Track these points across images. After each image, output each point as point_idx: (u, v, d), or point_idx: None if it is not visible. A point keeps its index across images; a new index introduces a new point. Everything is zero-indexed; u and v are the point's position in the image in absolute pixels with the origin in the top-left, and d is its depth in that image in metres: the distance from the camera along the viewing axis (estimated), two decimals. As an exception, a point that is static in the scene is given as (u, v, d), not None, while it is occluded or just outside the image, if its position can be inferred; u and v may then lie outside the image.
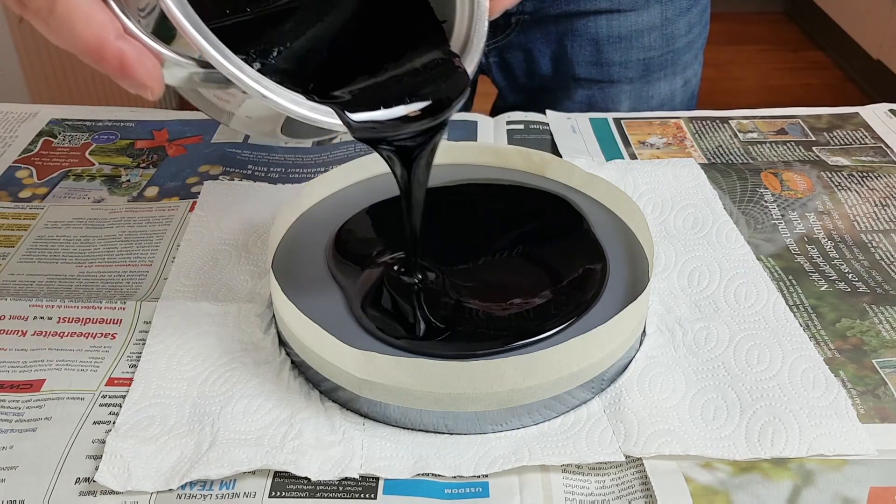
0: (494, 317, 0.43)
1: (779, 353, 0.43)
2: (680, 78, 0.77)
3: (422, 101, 0.37)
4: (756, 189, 0.58)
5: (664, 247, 0.51)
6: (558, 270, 0.45)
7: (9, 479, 0.38)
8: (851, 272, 0.51)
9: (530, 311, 0.43)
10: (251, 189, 0.57)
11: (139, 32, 0.32)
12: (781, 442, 0.39)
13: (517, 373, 0.38)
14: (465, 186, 0.52)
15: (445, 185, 0.52)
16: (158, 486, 0.37)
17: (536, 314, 0.43)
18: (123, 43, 0.31)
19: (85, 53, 0.31)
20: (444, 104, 0.38)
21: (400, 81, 0.38)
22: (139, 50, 0.31)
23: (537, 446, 0.39)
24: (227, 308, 0.47)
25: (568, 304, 0.43)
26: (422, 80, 0.38)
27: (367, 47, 0.41)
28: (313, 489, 0.38)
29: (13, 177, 0.60)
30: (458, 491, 0.38)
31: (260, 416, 0.40)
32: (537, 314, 0.43)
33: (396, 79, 0.38)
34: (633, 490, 0.38)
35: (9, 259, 0.52)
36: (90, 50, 0.31)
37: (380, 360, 0.38)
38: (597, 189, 0.51)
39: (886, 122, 0.67)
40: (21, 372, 0.43)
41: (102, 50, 0.31)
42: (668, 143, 0.64)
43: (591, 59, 0.74)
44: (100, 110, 0.69)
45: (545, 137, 0.65)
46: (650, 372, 0.43)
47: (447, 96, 0.38)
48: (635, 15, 0.72)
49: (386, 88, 0.38)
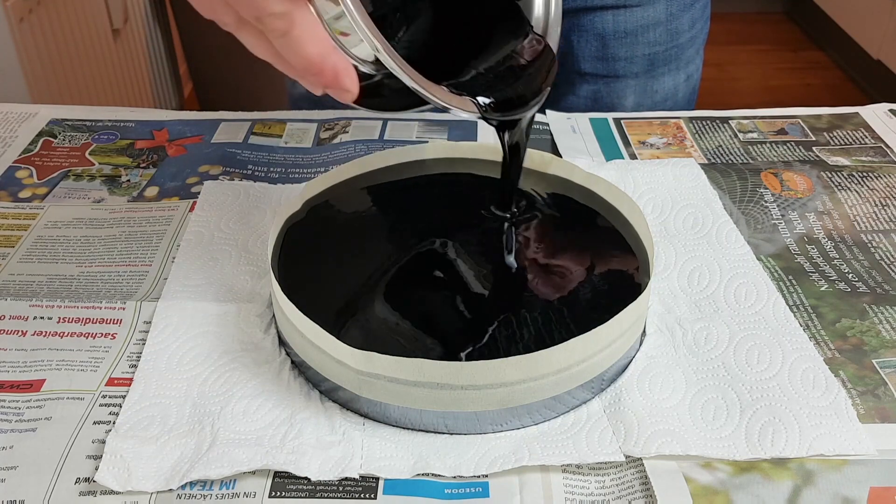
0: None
1: (779, 353, 0.43)
2: (683, 73, 0.77)
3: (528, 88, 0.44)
4: (756, 189, 0.58)
5: (664, 247, 0.51)
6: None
7: (9, 479, 0.38)
8: (851, 272, 0.51)
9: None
10: (251, 189, 0.57)
11: (335, 44, 0.35)
12: (781, 442, 0.39)
13: (517, 372, 0.38)
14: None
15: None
16: (158, 486, 0.37)
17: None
18: (336, 56, 0.35)
19: (305, 67, 0.35)
20: (542, 87, 0.44)
21: (506, 72, 0.44)
22: (346, 61, 0.35)
23: (537, 446, 0.39)
24: (227, 308, 0.47)
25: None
26: (520, 68, 0.44)
27: (462, 33, 0.46)
28: (313, 489, 0.38)
29: (13, 177, 0.60)
30: (458, 491, 0.38)
31: (260, 416, 0.40)
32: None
33: (502, 69, 0.44)
34: (633, 490, 0.38)
35: (9, 259, 0.52)
36: (312, 64, 0.35)
37: (380, 360, 0.38)
38: (597, 189, 0.51)
39: (886, 122, 0.67)
40: (21, 372, 0.43)
41: (323, 64, 0.35)
42: (668, 143, 0.64)
43: (596, 54, 0.74)
44: (100, 110, 0.69)
45: (545, 137, 0.65)
46: (650, 372, 0.43)
47: (543, 79, 0.44)
48: (641, 10, 0.72)
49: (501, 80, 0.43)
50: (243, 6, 0.34)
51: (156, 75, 1.87)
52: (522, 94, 0.43)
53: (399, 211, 0.51)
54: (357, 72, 0.36)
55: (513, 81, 0.43)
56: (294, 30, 0.34)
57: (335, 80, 0.35)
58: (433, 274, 0.46)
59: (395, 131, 0.66)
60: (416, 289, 0.45)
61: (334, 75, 0.35)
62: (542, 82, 0.44)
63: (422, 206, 0.51)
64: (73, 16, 1.46)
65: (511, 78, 0.44)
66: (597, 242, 0.48)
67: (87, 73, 1.51)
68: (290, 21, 0.33)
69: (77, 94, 1.46)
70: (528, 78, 0.44)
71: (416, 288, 0.45)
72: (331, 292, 0.45)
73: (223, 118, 0.68)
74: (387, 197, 0.52)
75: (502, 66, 0.44)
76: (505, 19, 0.45)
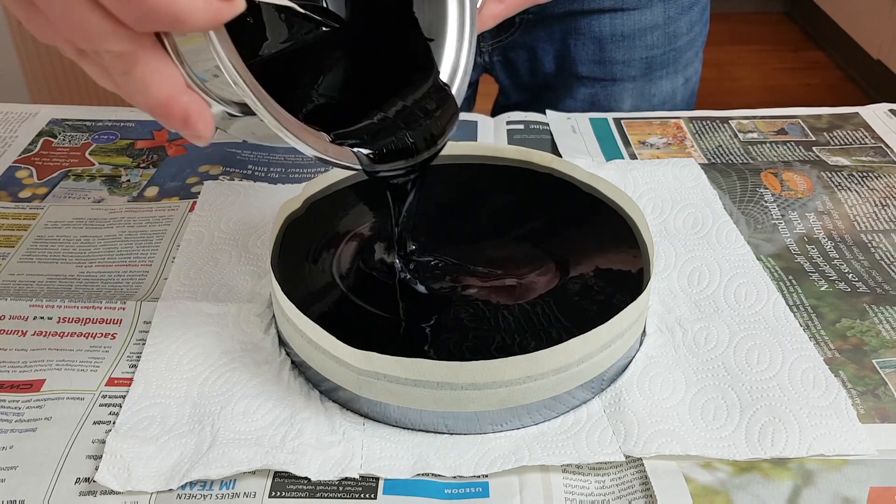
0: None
1: (779, 353, 0.43)
2: (681, 76, 0.77)
3: (420, 138, 0.41)
4: (756, 189, 0.58)
5: (664, 247, 0.51)
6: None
7: (9, 479, 0.38)
8: (851, 272, 0.51)
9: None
10: (251, 189, 0.57)
11: (192, 83, 0.32)
12: (781, 442, 0.39)
13: (517, 372, 0.38)
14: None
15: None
16: (158, 486, 0.37)
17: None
18: (188, 98, 0.31)
19: (152, 108, 0.32)
20: (438, 137, 0.41)
21: (400, 119, 0.41)
22: (199, 103, 0.32)
23: (537, 446, 0.39)
24: (227, 308, 0.47)
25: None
26: (417, 115, 0.41)
27: (364, 75, 0.44)
28: (313, 489, 0.38)
29: (13, 177, 0.60)
30: (458, 491, 0.38)
31: (260, 416, 0.40)
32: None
33: (397, 116, 0.41)
34: (633, 490, 0.38)
35: (9, 259, 0.52)
36: (159, 105, 0.31)
37: (380, 360, 0.38)
38: (597, 189, 0.51)
39: (886, 122, 0.67)
40: (21, 372, 0.43)
41: (171, 107, 0.31)
42: (668, 143, 0.64)
43: (594, 57, 0.74)
44: (100, 110, 0.69)
45: (545, 137, 0.66)
46: (650, 372, 0.43)
47: (441, 130, 0.41)
48: (638, 14, 0.72)
49: (389, 130, 0.40)
50: (80, 40, 0.30)
51: (156, 75, 1.86)
52: (409, 145, 0.40)
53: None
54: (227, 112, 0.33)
55: (402, 131, 0.40)
56: (136, 70, 0.30)
57: (185, 124, 0.32)
58: (433, 273, 0.46)
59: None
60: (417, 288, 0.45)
61: (184, 118, 0.32)
62: (436, 134, 0.41)
63: (422, 205, 0.51)
64: (73, 16, 1.46)
65: (402, 127, 0.40)
66: (597, 242, 0.48)
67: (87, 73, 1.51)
68: (132, 60, 0.30)
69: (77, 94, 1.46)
70: (420, 128, 0.41)
71: (417, 287, 0.45)
72: (331, 292, 0.45)
73: (223, 118, 0.68)
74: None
75: (399, 114, 0.41)
76: (413, 67, 0.42)
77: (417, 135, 0.40)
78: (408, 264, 0.45)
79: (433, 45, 0.43)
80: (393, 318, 0.43)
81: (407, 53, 0.43)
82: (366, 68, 0.44)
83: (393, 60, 0.43)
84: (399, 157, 0.40)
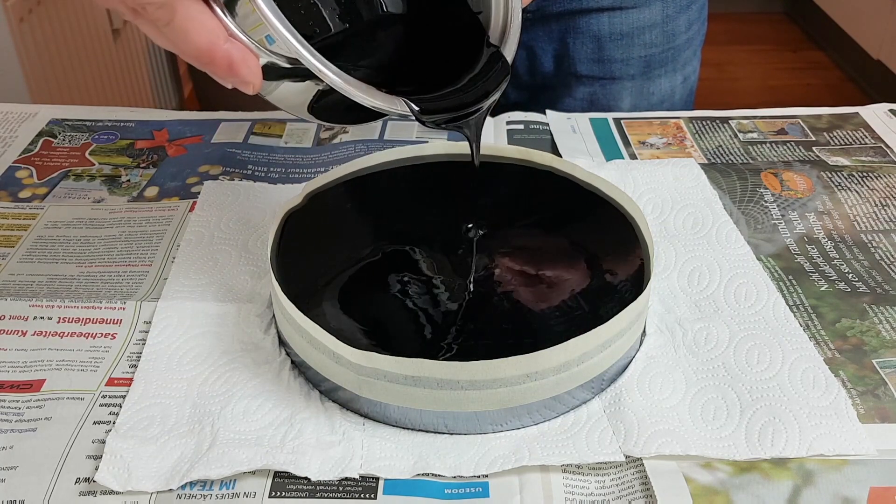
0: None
1: (779, 353, 0.43)
2: (680, 74, 0.77)
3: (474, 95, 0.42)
4: (756, 189, 0.58)
5: (664, 247, 0.51)
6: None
7: (9, 479, 0.38)
8: (851, 272, 0.51)
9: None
10: (251, 189, 0.57)
11: (239, 33, 0.34)
12: (781, 442, 0.39)
13: (517, 372, 0.38)
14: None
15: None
16: (158, 486, 0.37)
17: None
18: (230, 45, 0.34)
19: (196, 57, 0.34)
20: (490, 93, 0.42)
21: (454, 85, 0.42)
22: (243, 51, 0.34)
23: (537, 446, 0.39)
24: (227, 308, 0.47)
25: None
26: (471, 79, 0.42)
27: (416, 42, 0.45)
28: (313, 489, 0.38)
29: (13, 177, 0.60)
30: (458, 491, 0.38)
31: (260, 416, 0.40)
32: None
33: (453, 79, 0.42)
34: (633, 490, 0.38)
35: (9, 259, 0.52)
36: (202, 54, 0.33)
37: (380, 359, 0.38)
38: (597, 189, 0.51)
39: (886, 122, 0.67)
40: (21, 372, 0.43)
41: (213, 53, 0.33)
42: (668, 143, 0.64)
43: (592, 56, 0.74)
44: (100, 110, 0.69)
45: (545, 137, 0.66)
46: (650, 372, 0.43)
47: (492, 87, 0.42)
48: (637, 12, 0.72)
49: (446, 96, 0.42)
50: None
51: (156, 75, 1.87)
52: (463, 101, 0.42)
53: (400, 209, 0.51)
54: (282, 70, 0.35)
55: (456, 89, 0.42)
56: (176, 19, 0.33)
57: (230, 71, 0.34)
58: (433, 273, 0.46)
59: (395, 131, 0.66)
60: (417, 288, 0.45)
61: (228, 65, 0.34)
62: (489, 90, 0.42)
63: (423, 203, 0.51)
64: (73, 16, 1.46)
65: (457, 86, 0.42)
66: (597, 242, 0.48)
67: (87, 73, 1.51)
68: (171, 10, 0.32)
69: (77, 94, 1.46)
70: (475, 86, 0.42)
71: (417, 287, 0.45)
72: (331, 292, 0.45)
73: (223, 118, 0.68)
74: (387, 195, 0.52)
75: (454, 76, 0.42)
76: (463, 32, 0.44)
77: (468, 93, 0.42)
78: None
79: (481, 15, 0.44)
80: (393, 317, 0.43)
81: (458, 29, 0.44)
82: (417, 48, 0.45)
83: (444, 39, 0.45)
84: (449, 110, 0.42)
